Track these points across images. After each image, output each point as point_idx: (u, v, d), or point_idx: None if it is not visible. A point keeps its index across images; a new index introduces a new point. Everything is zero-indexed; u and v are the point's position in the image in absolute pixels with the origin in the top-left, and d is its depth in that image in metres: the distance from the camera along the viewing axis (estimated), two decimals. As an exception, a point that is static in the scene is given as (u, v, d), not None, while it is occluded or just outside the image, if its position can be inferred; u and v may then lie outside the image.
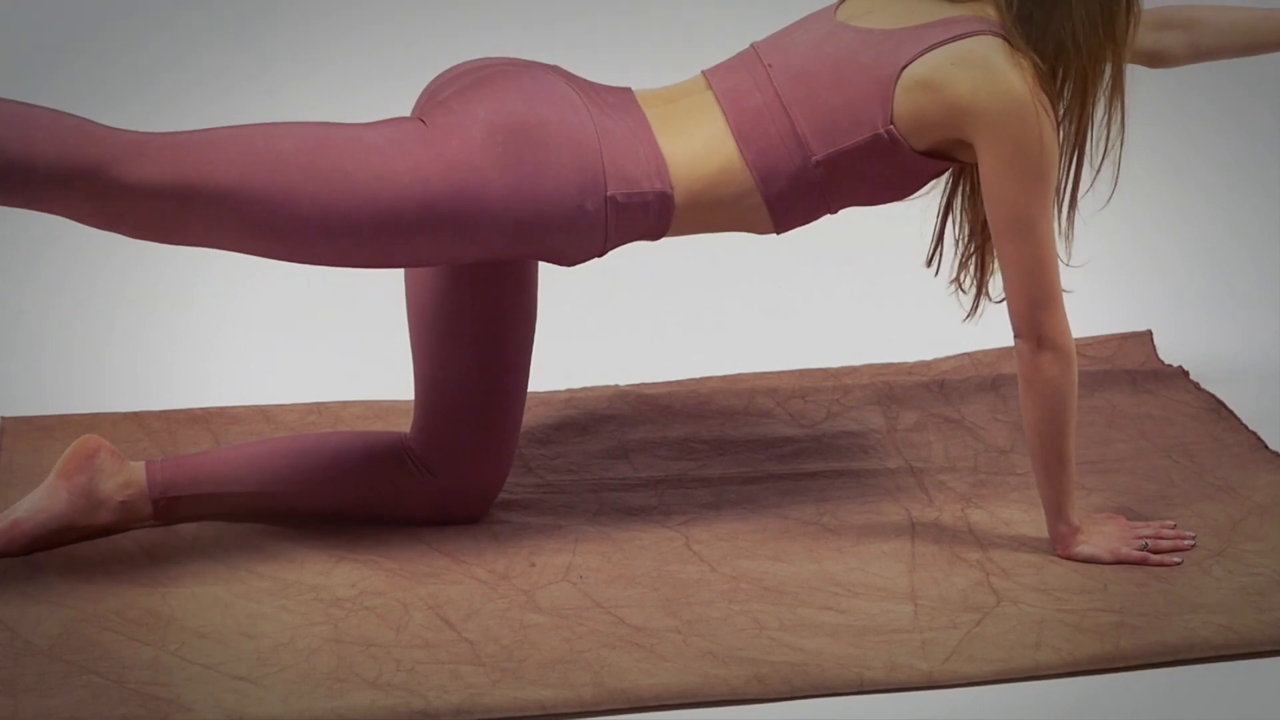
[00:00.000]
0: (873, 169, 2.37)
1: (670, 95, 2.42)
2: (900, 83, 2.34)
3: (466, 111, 2.29)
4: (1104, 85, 2.40)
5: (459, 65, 2.42)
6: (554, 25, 3.82)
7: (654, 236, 2.39)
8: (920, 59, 2.34)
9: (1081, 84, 2.37)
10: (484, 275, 2.45)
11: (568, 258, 2.35)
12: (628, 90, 2.41)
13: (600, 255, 2.37)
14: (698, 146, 2.37)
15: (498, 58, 2.41)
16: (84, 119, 2.20)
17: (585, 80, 2.40)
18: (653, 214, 2.35)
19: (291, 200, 2.22)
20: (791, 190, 2.38)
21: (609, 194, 2.31)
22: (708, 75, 2.43)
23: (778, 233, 2.43)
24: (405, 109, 2.47)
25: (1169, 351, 3.12)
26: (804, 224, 2.44)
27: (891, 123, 2.34)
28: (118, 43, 3.71)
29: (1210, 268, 3.40)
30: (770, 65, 2.40)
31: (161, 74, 3.67)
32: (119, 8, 3.74)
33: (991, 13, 2.37)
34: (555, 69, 2.39)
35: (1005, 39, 2.34)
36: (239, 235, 2.24)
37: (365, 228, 2.25)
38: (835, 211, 2.43)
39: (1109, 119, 2.41)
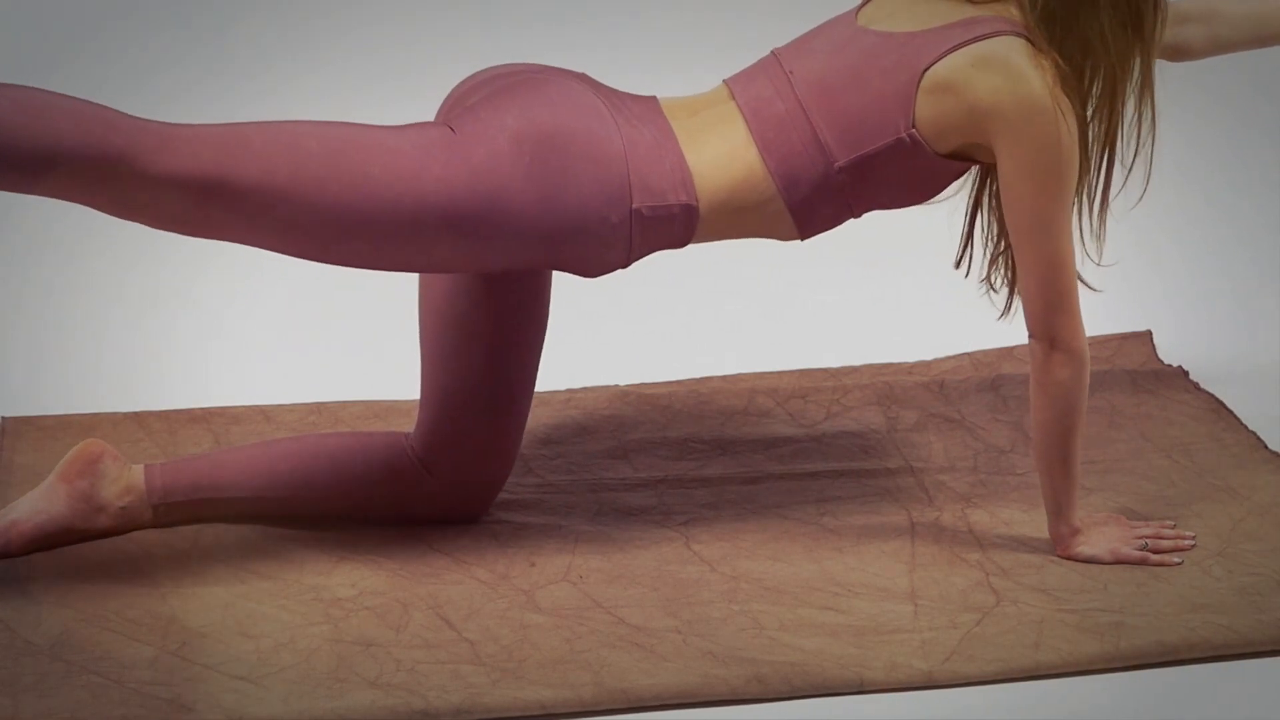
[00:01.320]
0: (895, 173, 2.37)
1: (693, 107, 2.42)
2: (921, 86, 2.33)
3: (494, 119, 2.28)
4: (1133, 83, 2.39)
5: (485, 70, 2.42)
6: (567, 29, 3.82)
7: (678, 245, 2.39)
8: (941, 61, 2.33)
9: (1110, 83, 2.37)
10: (500, 280, 2.44)
11: (590, 269, 2.35)
12: (653, 99, 2.41)
13: (625, 266, 2.37)
14: (721, 157, 2.36)
15: (524, 64, 2.41)
16: (107, 107, 2.20)
17: (611, 89, 2.40)
18: (678, 225, 2.35)
19: (314, 199, 2.21)
20: (815, 196, 2.37)
21: (634, 207, 2.31)
22: (730, 84, 2.43)
23: (801, 239, 2.43)
24: (417, 110, 2.47)
25: (1169, 351, 3.12)
26: (828, 229, 2.43)
27: (914, 126, 2.34)
28: (117, 42, 3.71)
29: (1210, 268, 3.40)
30: (791, 72, 2.39)
31: (161, 73, 3.67)
32: (118, 7, 3.73)
33: (1014, 13, 2.36)
34: (582, 76, 2.39)
35: (1027, 39, 2.34)
36: (260, 231, 2.23)
37: (386, 231, 2.24)
38: (859, 215, 2.43)
39: (1139, 117, 2.41)
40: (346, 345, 3.16)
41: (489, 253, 2.29)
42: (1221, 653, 2.26)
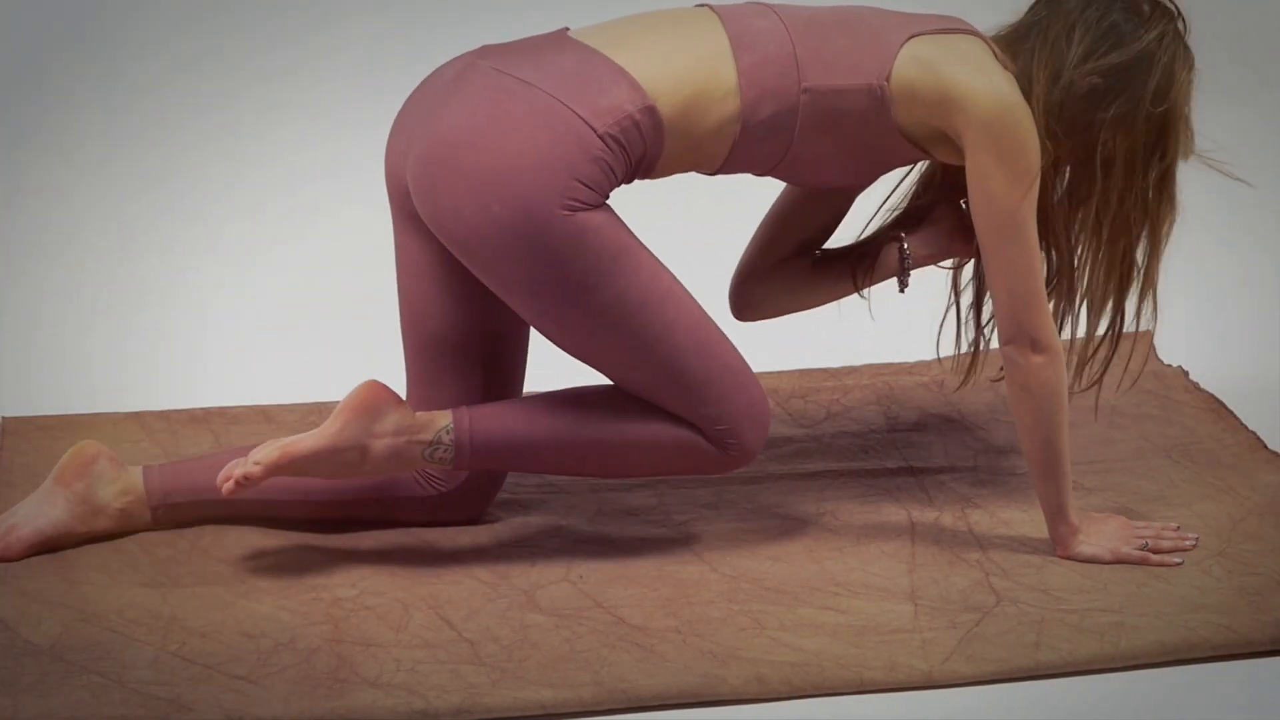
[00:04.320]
0: (849, 123, 2.39)
1: (652, 15, 2.44)
2: (905, 49, 2.37)
3: (477, 234, 2.31)
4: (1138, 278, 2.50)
5: (399, 123, 2.44)
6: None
7: (653, 161, 2.38)
8: (927, 36, 2.39)
9: (1110, 267, 2.47)
10: (479, 290, 2.44)
11: (620, 181, 2.38)
12: (560, 33, 2.42)
13: (629, 181, 2.39)
14: (685, 51, 2.37)
15: (421, 99, 2.42)
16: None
17: (513, 44, 2.41)
18: (646, 134, 2.35)
19: (687, 342, 2.37)
20: (768, 103, 2.37)
21: (601, 132, 2.31)
22: (708, 4, 2.45)
23: (722, 164, 2.42)
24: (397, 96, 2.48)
25: (1169, 351, 3.12)
26: (749, 165, 2.44)
27: (887, 80, 2.36)
28: (115, 42, 3.71)
29: (1210, 268, 3.39)
30: (776, 9, 2.43)
31: (158, 72, 3.68)
32: (117, 6, 3.74)
33: (997, 49, 2.43)
34: (473, 64, 2.39)
35: (993, 52, 2.41)
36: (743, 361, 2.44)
37: (669, 323, 2.37)
38: (778, 169, 2.44)
39: (1139, 310, 2.52)
40: (346, 345, 3.16)
41: (616, 236, 2.33)
42: (1221, 653, 2.26)
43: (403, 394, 2.49)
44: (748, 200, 2.72)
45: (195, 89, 3.65)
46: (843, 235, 2.68)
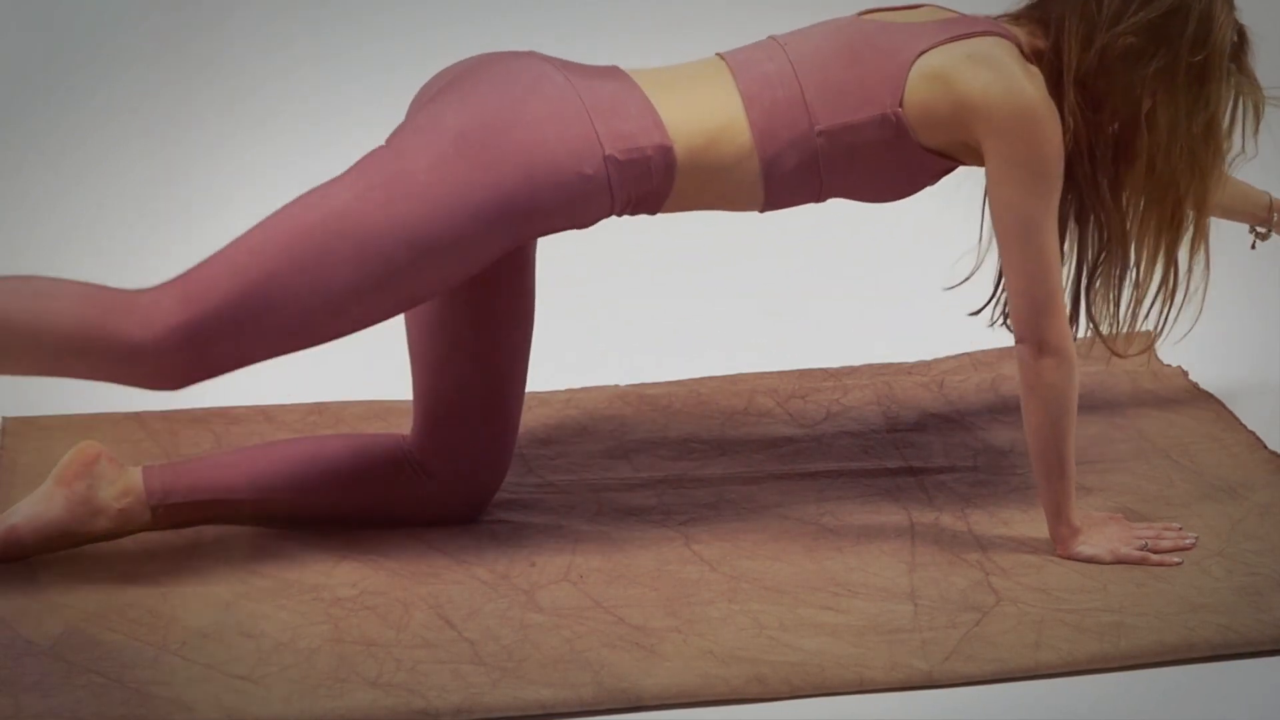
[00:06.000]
0: (873, 154, 2.38)
1: (679, 68, 2.43)
2: (914, 69, 2.35)
3: (435, 126, 2.29)
4: (1185, 236, 2.45)
5: (440, 74, 2.42)
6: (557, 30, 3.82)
7: (658, 199, 2.37)
8: (936, 49, 2.35)
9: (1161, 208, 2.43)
10: (483, 284, 2.44)
11: (580, 223, 2.36)
12: (615, 67, 2.42)
13: (616, 214, 2.37)
14: (701, 103, 2.36)
15: (472, 58, 2.41)
16: (88, 286, 2.30)
17: (565, 60, 2.40)
18: (655, 171, 2.34)
19: (294, 300, 2.25)
20: (788, 155, 2.37)
21: (607, 154, 2.31)
22: (721, 54, 2.44)
23: (763, 209, 2.42)
24: (404, 101, 2.47)
25: (1169, 351, 3.12)
26: (791, 204, 2.43)
27: (900, 106, 2.35)
28: (114, 41, 3.71)
29: (1210, 267, 3.39)
30: (786, 44, 2.41)
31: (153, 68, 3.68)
32: (117, 5, 3.74)
33: (1020, 34, 2.39)
34: (530, 53, 2.39)
35: (1016, 44, 2.37)
36: (262, 346, 2.30)
37: (370, 292, 2.27)
38: (823, 199, 2.43)
39: (1190, 260, 2.50)
40: (346, 345, 3.15)
41: (478, 251, 2.29)
42: (1221, 653, 2.26)
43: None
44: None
45: (195, 90, 3.65)
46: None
